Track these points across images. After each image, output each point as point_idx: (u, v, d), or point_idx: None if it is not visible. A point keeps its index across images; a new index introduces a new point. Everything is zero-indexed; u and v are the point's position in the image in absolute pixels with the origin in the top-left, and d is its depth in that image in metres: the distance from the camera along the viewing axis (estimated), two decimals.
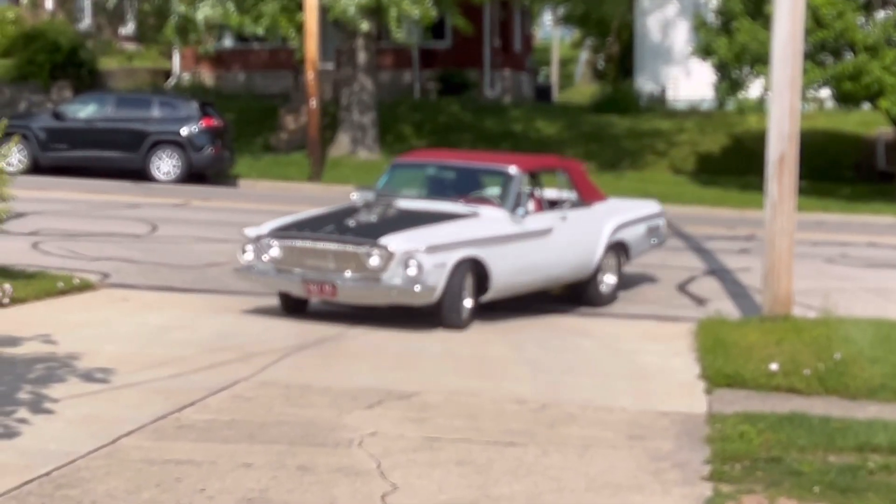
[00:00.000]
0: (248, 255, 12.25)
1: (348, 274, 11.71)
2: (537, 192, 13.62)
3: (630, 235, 14.21)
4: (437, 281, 11.53)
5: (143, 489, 6.68)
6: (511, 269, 12.39)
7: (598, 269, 13.57)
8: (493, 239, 12.26)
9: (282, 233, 12.25)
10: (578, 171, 14.64)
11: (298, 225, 12.48)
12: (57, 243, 16.63)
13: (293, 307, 12.43)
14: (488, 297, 12.28)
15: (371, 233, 11.94)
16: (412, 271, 11.44)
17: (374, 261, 11.55)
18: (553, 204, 13.53)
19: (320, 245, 11.94)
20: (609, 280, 13.84)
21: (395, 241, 11.60)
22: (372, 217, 12.51)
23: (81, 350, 9.97)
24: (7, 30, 35.89)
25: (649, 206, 15.32)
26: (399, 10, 27.35)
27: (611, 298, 13.92)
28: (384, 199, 12.94)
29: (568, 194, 13.80)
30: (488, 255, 12.02)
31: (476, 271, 12.01)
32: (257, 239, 12.21)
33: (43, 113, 28.78)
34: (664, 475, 7.32)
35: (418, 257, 11.43)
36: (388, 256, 11.50)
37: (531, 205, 13.13)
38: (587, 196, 14.00)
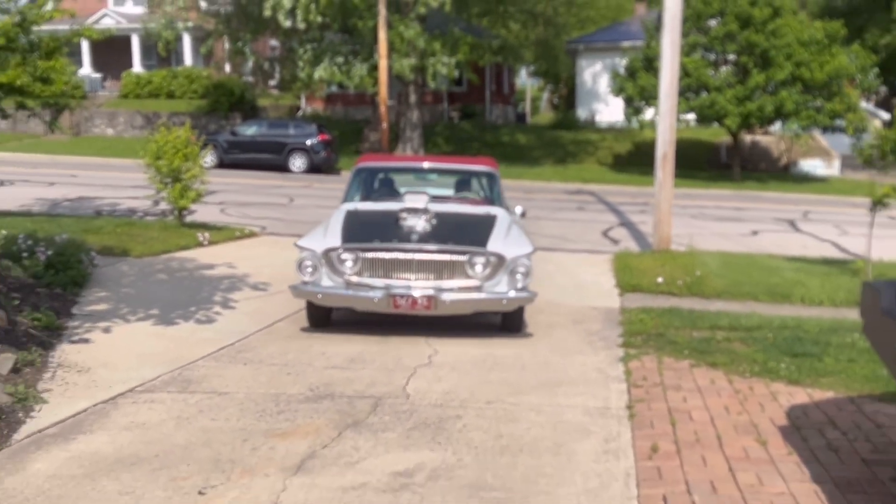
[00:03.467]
0: (310, 270, 7.19)
1: (447, 284, 7.06)
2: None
3: None
4: (530, 284, 7.39)
5: (288, 353, 6.75)
6: None
7: None
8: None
9: (361, 245, 7.14)
10: None
11: (377, 235, 7.25)
12: (235, 209, 16.65)
13: (321, 323, 7.49)
14: None
15: (469, 240, 7.24)
16: (520, 277, 7.19)
17: (479, 269, 7.10)
18: None
19: (414, 256, 7.06)
20: None
21: (503, 247, 7.24)
22: (430, 223, 7.43)
23: (250, 272, 10.03)
24: (203, 82, 36.07)
25: None
26: (435, 69, 27.32)
27: None
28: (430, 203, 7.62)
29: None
30: None
31: None
32: (326, 252, 7.17)
33: (225, 132, 28.73)
34: (595, 344, 7.34)
35: (523, 262, 7.24)
36: (497, 264, 7.13)
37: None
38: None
